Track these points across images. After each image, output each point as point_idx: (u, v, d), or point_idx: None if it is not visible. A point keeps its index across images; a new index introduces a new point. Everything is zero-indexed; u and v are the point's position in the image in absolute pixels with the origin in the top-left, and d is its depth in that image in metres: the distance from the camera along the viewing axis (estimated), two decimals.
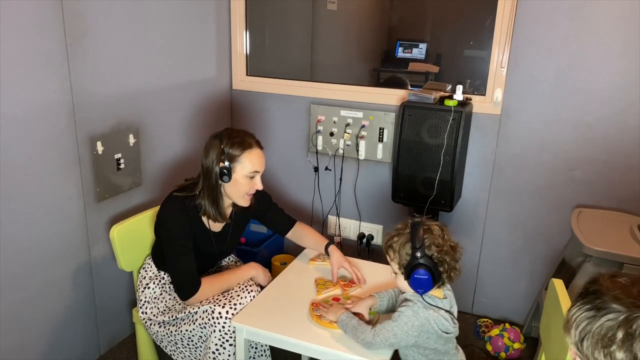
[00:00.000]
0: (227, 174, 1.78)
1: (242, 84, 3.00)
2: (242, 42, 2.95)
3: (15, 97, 1.77)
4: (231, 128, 1.88)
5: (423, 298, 1.50)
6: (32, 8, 1.78)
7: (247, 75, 3.00)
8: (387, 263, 2.06)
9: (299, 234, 2.12)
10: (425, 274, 1.45)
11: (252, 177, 1.83)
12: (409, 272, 1.47)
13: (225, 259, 2.15)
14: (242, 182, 1.82)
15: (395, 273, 1.55)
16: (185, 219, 1.83)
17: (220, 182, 1.81)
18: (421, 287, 1.47)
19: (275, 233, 2.19)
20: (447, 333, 1.50)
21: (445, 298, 1.54)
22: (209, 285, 1.84)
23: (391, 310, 1.71)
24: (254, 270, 1.95)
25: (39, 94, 1.86)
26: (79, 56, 1.98)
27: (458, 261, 1.51)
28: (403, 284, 1.52)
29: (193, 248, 1.85)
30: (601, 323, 0.87)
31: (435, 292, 1.53)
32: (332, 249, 2.00)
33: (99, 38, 2.06)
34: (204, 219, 1.89)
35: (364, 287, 1.89)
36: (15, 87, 1.77)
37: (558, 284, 1.55)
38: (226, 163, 1.78)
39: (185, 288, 1.82)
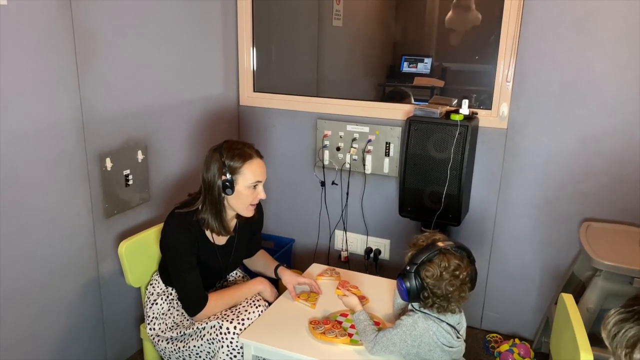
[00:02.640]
0: (229, 186, 1.79)
1: (249, 99, 3.03)
2: (248, 59, 2.98)
3: (25, 114, 1.80)
4: (230, 140, 1.88)
5: (421, 309, 1.52)
6: (42, 27, 1.81)
7: (254, 91, 3.02)
8: (394, 278, 2.07)
9: (254, 259, 2.17)
10: (401, 285, 1.49)
11: (254, 187, 1.84)
12: (398, 274, 1.53)
13: (233, 274, 2.15)
14: (245, 194, 1.83)
15: None
16: (188, 234, 1.83)
17: (223, 195, 1.82)
18: (400, 292, 1.52)
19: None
20: (450, 347, 1.49)
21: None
22: (216, 300, 1.84)
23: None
24: (261, 285, 1.95)
25: (49, 111, 1.88)
26: (89, 74, 2.01)
27: (455, 302, 1.49)
28: None
29: (198, 263, 1.85)
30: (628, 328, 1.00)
31: None
32: (282, 270, 2.04)
33: (109, 56, 2.09)
34: (208, 233, 1.90)
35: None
36: (25, 104, 1.80)
37: (568, 298, 1.54)
38: (228, 176, 1.79)
39: (192, 304, 1.82)
